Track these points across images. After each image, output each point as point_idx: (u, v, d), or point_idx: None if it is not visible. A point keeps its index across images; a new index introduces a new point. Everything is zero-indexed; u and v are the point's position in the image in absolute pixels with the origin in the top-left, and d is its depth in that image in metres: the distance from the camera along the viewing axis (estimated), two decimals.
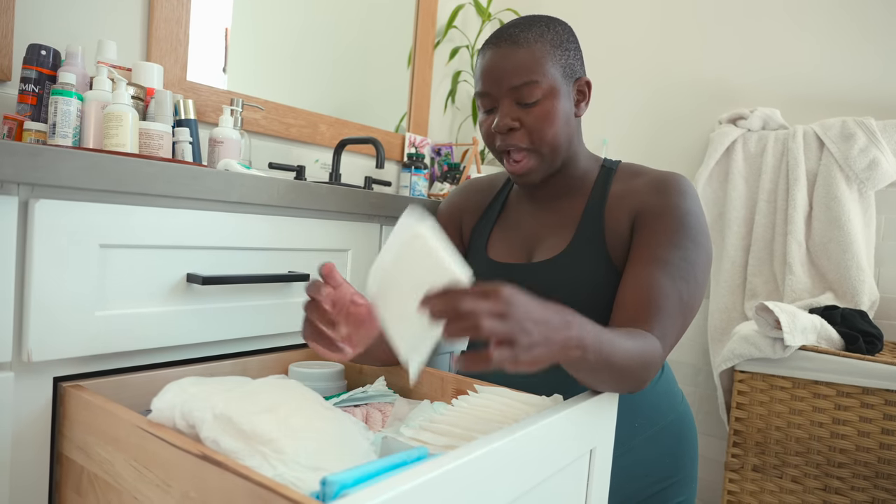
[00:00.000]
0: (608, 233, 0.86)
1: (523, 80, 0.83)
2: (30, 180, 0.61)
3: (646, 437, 0.90)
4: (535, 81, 0.84)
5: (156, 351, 0.77)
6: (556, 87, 0.85)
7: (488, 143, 0.91)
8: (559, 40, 0.86)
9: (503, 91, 0.85)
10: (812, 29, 1.80)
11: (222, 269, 0.82)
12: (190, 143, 1.18)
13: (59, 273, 0.65)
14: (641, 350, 0.70)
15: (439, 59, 2.20)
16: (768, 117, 1.81)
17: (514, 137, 0.86)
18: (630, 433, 0.89)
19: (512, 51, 0.84)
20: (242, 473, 0.46)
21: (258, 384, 0.64)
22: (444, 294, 0.51)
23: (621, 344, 0.66)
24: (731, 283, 1.82)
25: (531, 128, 0.85)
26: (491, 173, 1.22)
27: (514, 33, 0.86)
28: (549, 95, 0.85)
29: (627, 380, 0.69)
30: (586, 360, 0.61)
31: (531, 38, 0.85)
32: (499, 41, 0.86)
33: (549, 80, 0.84)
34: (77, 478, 0.65)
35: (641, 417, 0.89)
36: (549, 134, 0.85)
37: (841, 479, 1.32)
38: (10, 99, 1.11)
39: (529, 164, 0.87)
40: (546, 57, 0.84)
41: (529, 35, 0.85)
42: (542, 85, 0.84)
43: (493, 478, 0.53)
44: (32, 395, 0.65)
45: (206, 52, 1.45)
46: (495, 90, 0.86)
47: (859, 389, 1.30)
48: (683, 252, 0.80)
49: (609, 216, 0.87)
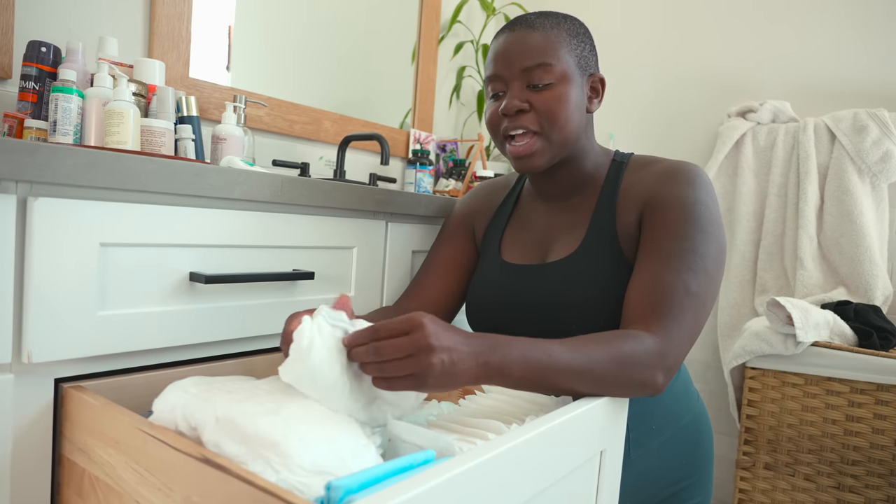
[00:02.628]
0: (620, 228, 0.84)
1: (536, 62, 0.82)
2: (28, 178, 0.60)
3: (664, 440, 0.88)
4: (549, 64, 0.82)
5: (158, 351, 0.76)
6: (570, 74, 0.83)
7: (492, 129, 0.87)
8: (575, 31, 0.85)
9: (515, 73, 0.83)
10: (822, 20, 1.77)
11: (225, 268, 0.81)
12: (192, 141, 1.17)
13: (59, 272, 0.64)
14: (618, 352, 0.67)
15: (444, 54, 2.18)
16: (778, 110, 1.78)
17: (523, 119, 0.83)
18: (648, 436, 0.86)
19: (527, 33, 0.83)
20: (245, 478, 0.45)
21: (261, 384, 0.63)
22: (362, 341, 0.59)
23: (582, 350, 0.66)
24: (742, 279, 1.80)
25: (541, 109, 0.82)
26: (503, 174, 1.20)
27: (530, 19, 0.85)
28: (561, 80, 0.82)
29: (609, 384, 0.67)
30: (511, 377, 0.63)
31: (547, 24, 0.84)
32: (514, 25, 0.85)
33: (562, 65, 0.83)
34: (78, 480, 0.64)
35: (659, 419, 0.87)
36: (559, 117, 0.82)
37: (855, 476, 1.30)
38: (11, 96, 1.10)
39: (535, 147, 0.83)
40: (561, 43, 0.83)
41: (546, 21, 0.84)
42: (556, 68, 0.82)
43: (500, 482, 0.51)
44: (33, 396, 0.64)
45: (209, 49, 1.44)
46: (506, 72, 0.84)
47: (874, 386, 1.28)
48: (691, 243, 0.77)
49: (620, 211, 0.85)
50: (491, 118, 0.87)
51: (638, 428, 0.85)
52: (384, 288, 1.06)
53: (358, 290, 1.00)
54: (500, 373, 0.62)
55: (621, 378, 0.67)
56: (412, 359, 0.57)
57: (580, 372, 0.65)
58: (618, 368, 0.67)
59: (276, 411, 0.55)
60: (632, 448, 0.85)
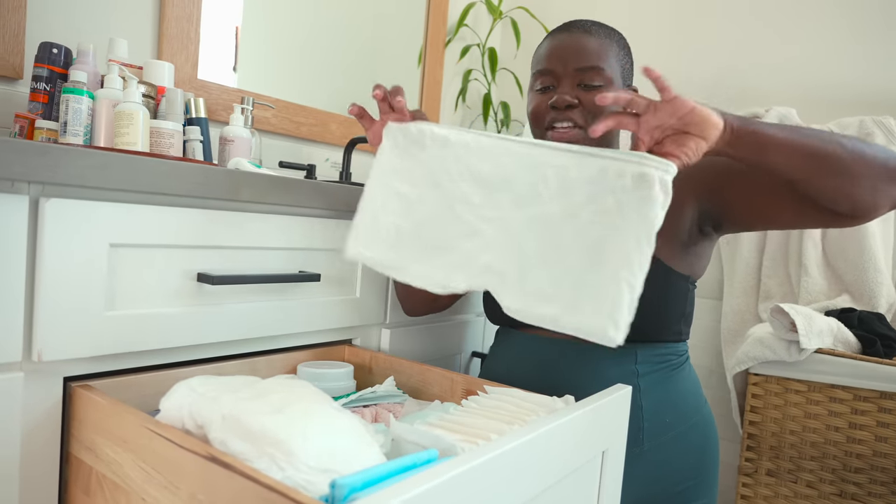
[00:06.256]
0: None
1: (590, 64, 0.88)
2: (40, 179, 0.61)
3: (675, 434, 0.90)
4: (601, 68, 0.88)
5: (165, 351, 0.76)
6: (616, 81, 0.90)
7: (536, 119, 0.93)
8: (623, 45, 0.93)
9: (568, 71, 0.89)
10: (828, 27, 1.77)
11: (232, 269, 0.82)
12: (201, 142, 1.18)
13: (69, 272, 0.65)
14: (850, 141, 0.75)
15: (450, 57, 2.19)
16: (784, 116, 1.78)
17: (570, 113, 0.89)
18: (662, 428, 0.89)
19: (584, 37, 0.90)
20: (251, 476, 0.46)
21: (267, 384, 0.64)
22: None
23: (808, 129, 0.74)
24: (745, 285, 1.79)
25: (590, 107, 0.88)
26: None
27: (585, 24, 0.92)
28: (608, 84, 0.89)
29: (837, 167, 0.74)
30: (735, 136, 0.71)
31: (602, 33, 0.91)
32: (570, 27, 0.92)
33: (611, 71, 0.89)
34: (86, 478, 0.65)
35: (671, 414, 0.90)
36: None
37: (858, 484, 1.30)
38: (22, 97, 1.11)
39: (577, 137, 0.89)
40: (613, 52, 0.90)
41: (601, 30, 0.92)
42: (605, 73, 0.89)
43: (504, 481, 0.52)
44: (42, 395, 0.65)
45: (216, 51, 1.45)
46: (560, 68, 0.90)
47: (877, 394, 1.28)
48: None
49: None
50: (537, 108, 0.93)
51: (652, 419, 0.88)
52: (388, 290, 1.06)
53: (363, 292, 1.01)
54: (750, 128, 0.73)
55: (849, 164, 0.74)
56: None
57: (828, 137, 0.74)
58: (849, 154, 0.74)
59: (282, 410, 0.56)
60: (645, 438, 0.88)
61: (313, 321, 0.93)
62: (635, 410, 0.87)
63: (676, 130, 0.70)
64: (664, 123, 0.69)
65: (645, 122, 0.70)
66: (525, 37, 2.28)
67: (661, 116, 0.69)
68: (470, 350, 1.29)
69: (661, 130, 0.70)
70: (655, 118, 0.69)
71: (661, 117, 0.69)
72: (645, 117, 0.69)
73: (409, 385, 0.91)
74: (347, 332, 1.01)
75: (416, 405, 0.85)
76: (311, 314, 0.92)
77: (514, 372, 0.95)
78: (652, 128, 0.70)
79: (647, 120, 0.69)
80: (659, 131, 0.70)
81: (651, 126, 0.69)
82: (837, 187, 0.76)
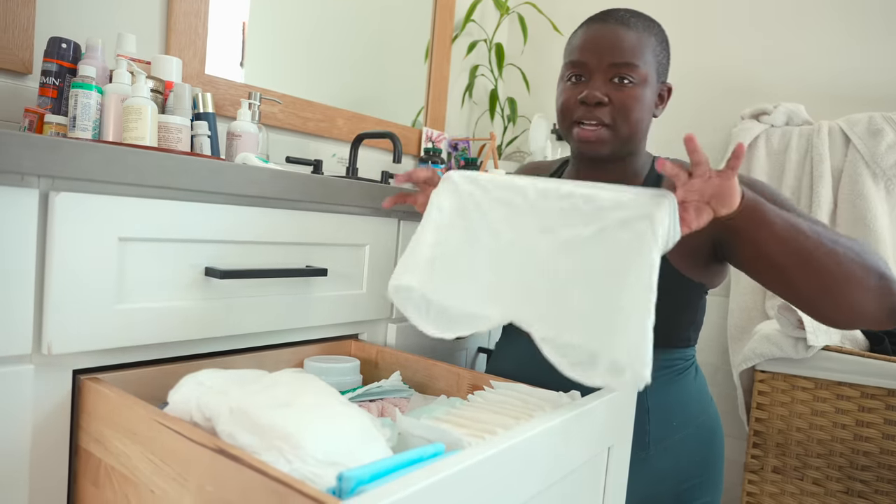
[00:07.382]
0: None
1: (625, 60, 0.85)
2: (50, 173, 0.62)
3: (682, 436, 0.90)
4: (636, 65, 0.85)
5: (174, 344, 0.77)
6: (650, 78, 0.87)
7: (564, 112, 0.90)
8: (662, 38, 0.89)
9: (602, 65, 0.86)
10: (838, 22, 1.76)
11: (239, 263, 0.82)
12: (208, 137, 1.18)
13: (78, 266, 0.65)
14: (852, 245, 0.73)
15: (457, 53, 2.19)
16: (792, 112, 1.77)
17: (598, 111, 0.86)
18: (669, 432, 0.89)
19: (621, 30, 0.86)
20: (258, 468, 0.46)
21: (275, 377, 0.64)
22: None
23: (812, 226, 0.73)
24: (752, 282, 1.79)
25: (619, 105, 0.85)
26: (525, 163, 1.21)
27: (623, 16, 0.87)
28: (642, 82, 0.86)
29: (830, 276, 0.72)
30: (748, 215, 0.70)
31: (640, 26, 0.87)
32: (607, 18, 0.88)
33: (646, 67, 0.86)
34: (95, 470, 0.65)
35: (678, 417, 0.89)
36: (633, 116, 0.86)
37: (864, 482, 1.30)
38: (32, 92, 1.12)
39: (603, 136, 0.87)
40: (649, 47, 0.87)
41: (639, 22, 0.87)
42: (640, 70, 0.85)
43: (509, 476, 0.52)
44: (52, 387, 0.66)
45: (223, 46, 1.45)
46: (594, 62, 0.86)
47: (884, 391, 1.27)
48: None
49: None
50: (566, 102, 0.90)
51: (658, 422, 0.87)
52: None
53: (370, 287, 1.01)
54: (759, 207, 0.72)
55: (844, 274, 0.72)
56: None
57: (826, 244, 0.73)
58: (848, 262, 0.72)
59: (289, 403, 0.56)
60: (651, 442, 0.87)
61: (320, 316, 0.93)
62: (641, 414, 0.86)
63: (701, 199, 0.68)
64: (704, 193, 0.67)
65: (692, 184, 0.67)
66: (532, 33, 2.27)
67: (707, 188, 0.67)
68: (476, 346, 1.29)
69: (695, 195, 0.68)
70: (706, 185, 0.67)
71: (706, 189, 0.67)
72: (695, 180, 0.67)
73: (416, 380, 0.92)
74: (354, 326, 1.02)
75: (423, 400, 0.85)
76: (318, 309, 0.92)
77: (520, 368, 0.95)
78: (692, 191, 0.67)
79: (695, 183, 0.67)
80: (694, 195, 0.68)
81: (693, 189, 0.67)
82: (814, 298, 0.75)
